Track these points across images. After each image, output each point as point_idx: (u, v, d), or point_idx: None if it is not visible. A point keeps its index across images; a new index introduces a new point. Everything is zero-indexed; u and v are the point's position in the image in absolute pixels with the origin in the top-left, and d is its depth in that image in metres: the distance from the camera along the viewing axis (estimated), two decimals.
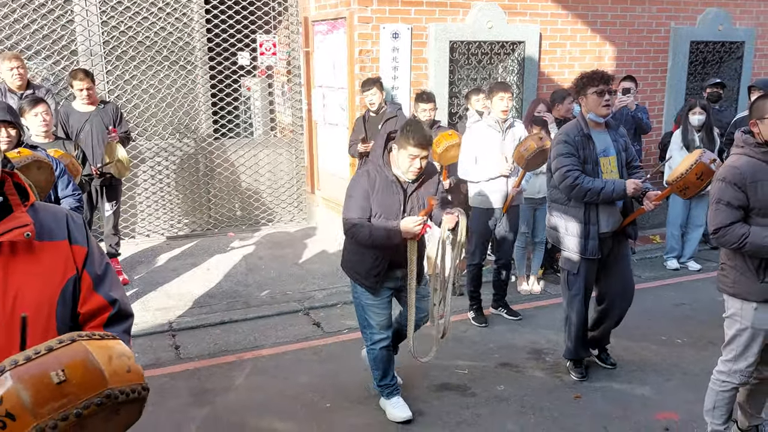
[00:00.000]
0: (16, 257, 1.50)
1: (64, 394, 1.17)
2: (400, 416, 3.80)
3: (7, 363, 1.18)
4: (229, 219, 7.57)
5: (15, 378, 1.16)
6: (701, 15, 7.79)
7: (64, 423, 1.16)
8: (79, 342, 1.23)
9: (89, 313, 1.60)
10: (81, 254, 1.61)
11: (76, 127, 5.58)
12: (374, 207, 3.56)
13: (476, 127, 5.22)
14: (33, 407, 1.14)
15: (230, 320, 5.27)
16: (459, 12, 6.61)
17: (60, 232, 1.59)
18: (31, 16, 6.41)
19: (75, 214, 1.69)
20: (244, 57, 7.39)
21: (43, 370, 1.17)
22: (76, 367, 1.19)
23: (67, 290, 1.56)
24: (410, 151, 3.45)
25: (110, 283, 1.65)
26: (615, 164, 4.09)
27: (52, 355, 1.20)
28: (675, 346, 4.88)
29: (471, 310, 5.36)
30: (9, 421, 1.14)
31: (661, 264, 6.79)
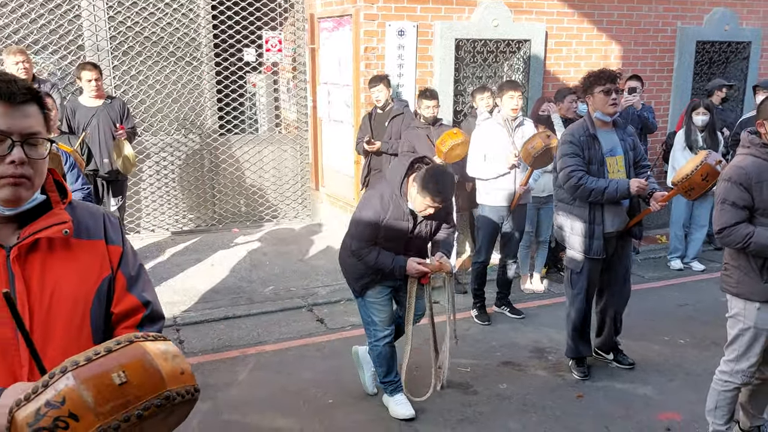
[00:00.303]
0: (53, 254, 1.50)
1: (125, 396, 1.17)
2: (403, 414, 3.82)
3: (69, 363, 1.18)
4: (233, 215, 7.60)
5: (77, 378, 1.16)
6: (708, 15, 7.77)
7: (126, 424, 1.16)
8: (137, 343, 1.23)
9: (122, 314, 1.59)
10: (116, 254, 1.61)
11: (82, 122, 5.59)
12: (382, 230, 3.58)
13: (486, 124, 5.23)
14: (96, 408, 1.15)
15: (234, 316, 5.30)
16: (465, 10, 6.61)
17: (97, 231, 1.59)
18: (38, 11, 6.44)
19: (111, 213, 1.69)
20: (249, 53, 7.40)
21: (105, 371, 1.18)
22: (136, 369, 1.19)
23: (102, 289, 1.56)
24: (425, 198, 3.46)
25: (143, 284, 1.66)
26: (622, 164, 4.08)
27: (111, 357, 1.20)
28: (678, 347, 4.88)
29: (474, 308, 5.37)
30: (72, 422, 1.14)
31: (665, 264, 6.78)
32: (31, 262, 1.47)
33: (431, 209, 3.50)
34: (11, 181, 1.41)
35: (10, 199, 1.43)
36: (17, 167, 1.41)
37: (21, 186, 1.43)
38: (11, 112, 1.41)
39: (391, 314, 3.86)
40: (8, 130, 1.40)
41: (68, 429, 1.14)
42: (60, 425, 1.14)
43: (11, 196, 1.43)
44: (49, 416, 1.14)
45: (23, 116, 1.42)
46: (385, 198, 3.58)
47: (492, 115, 5.34)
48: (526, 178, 5.07)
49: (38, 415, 1.15)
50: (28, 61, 5.60)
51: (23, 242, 1.45)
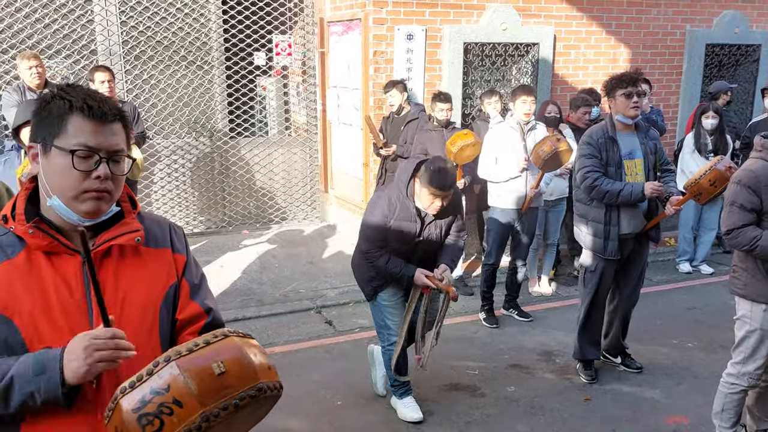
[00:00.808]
0: (125, 261, 1.57)
1: (224, 386, 1.23)
2: (412, 417, 3.86)
3: (172, 353, 1.25)
4: (243, 217, 7.66)
5: (182, 367, 1.23)
6: (717, 17, 7.75)
7: (224, 412, 1.22)
8: (231, 337, 1.30)
9: (186, 320, 1.66)
10: (181, 263, 1.68)
11: None
12: (390, 232, 3.62)
13: (498, 128, 5.28)
14: (199, 395, 1.21)
15: (244, 317, 5.35)
16: (473, 14, 6.64)
17: (164, 241, 1.66)
18: (51, 16, 6.52)
19: (176, 224, 1.78)
20: (260, 57, 7.46)
21: (206, 362, 1.24)
22: (233, 361, 1.26)
23: (168, 296, 1.62)
24: (432, 191, 3.49)
25: (205, 292, 1.72)
26: (641, 167, 4.11)
27: (211, 348, 1.26)
28: (686, 350, 4.89)
29: (482, 311, 5.40)
30: (176, 408, 1.20)
31: (674, 267, 6.78)
32: (105, 268, 1.53)
33: (437, 202, 3.51)
34: (95, 195, 1.48)
35: (93, 212, 1.50)
36: (102, 182, 1.47)
37: (102, 200, 1.50)
38: (101, 130, 1.48)
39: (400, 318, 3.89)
40: (97, 147, 1.47)
41: (172, 415, 1.20)
42: (165, 411, 1.20)
43: (94, 209, 1.49)
44: (155, 402, 1.21)
45: (111, 134, 1.49)
46: (392, 200, 3.62)
47: (504, 118, 5.38)
48: (537, 181, 5.10)
49: (143, 401, 1.21)
50: (41, 65, 5.67)
51: (99, 248, 1.52)
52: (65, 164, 1.45)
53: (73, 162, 1.45)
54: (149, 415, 1.20)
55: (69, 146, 1.45)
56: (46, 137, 1.47)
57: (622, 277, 4.35)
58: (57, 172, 1.47)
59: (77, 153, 1.45)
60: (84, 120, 1.46)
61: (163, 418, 1.20)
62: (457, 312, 5.62)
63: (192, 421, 1.20)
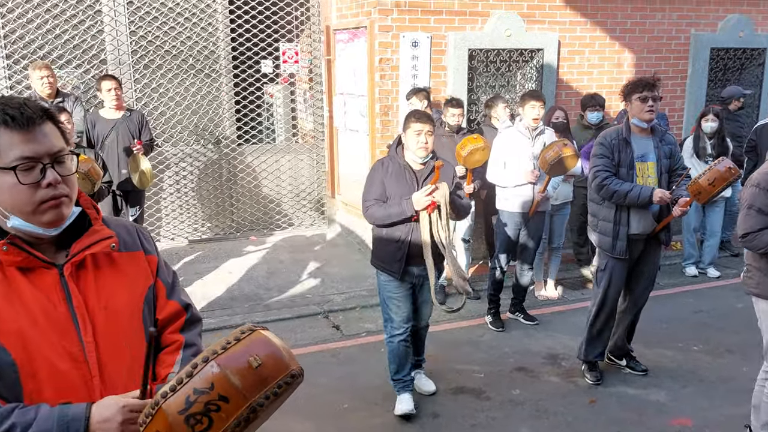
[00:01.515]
0: (101, 269, 1.55)
1: (263, 377, 1.29)
2: (401, 410, 3.97)
3: (208, 353, 1.30)
4: (251, 223, 7.72)
5: (221, 365, 1.27)
6: (722, 21, 7.77)
7: (267, 401, 1.29)
8: (258, 331, 1.36)
9: (167, 319, 1.67)
10: (154, 263, 1.68)
11: (101, 134, 5.71)
12: (389, 190, 3.84)
13: (507, 132, 5.32)
14: (243, 389, 1.27)
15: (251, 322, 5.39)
16: (478, 21, 6.69)
17: (134, 244, 1.65)
18: (62, 27, 6.63)
19: (140, 226, 1.78)
20: (267, 65, 7.54)
21: (243, 357, 1.30)
22: (267, 353, 1.32)
23: (148, 298, 1.63)
24: (414, 128, 3.76)
25: (179, 289, 1.74)
26: (653, 170, 4.17)
27: (243, 344, 1.32)
28: (691, 353, 4.89)
29: (488, 314, 5.43)
30: (223, 404, 1.25)
31: (680, 271, 6.78)
32: (83, 278, 1.51)
33: (422, 138, 3.74)
34: (53, 203, 1.43)
35: (55, 221, 1.46)
36: (55, 189, 1.43)
37: (62, 205, 1.46)
38: (33, 136, 1.41)
39: (408, 313, 3.99)
40: (36, 155, 1.40)
41: (220, 411, 1.25)
42: (212, 408, 1.25)
43: (56, 218, 1.45)
44: (200, 402, 1.25)
45: (44, 137, 1.43)
46: (384, 162, 3.94)
47: (513, 123, 5.43)
48: (544, 186, 5.13)
49: (188, 402, 1.25)
50: (52, 75, 5.76)
51: (75, 258, 1.49)
52: (11, 182, 1.39)
53: (18, 178, 1.39)
54: (197, 415, 1.25)
55: (8, 164, 1.38)
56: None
57: (634, 280, 4.39)
58: (5, 192, 1.40)
59: (19, 168, 1.38)
60: (11, 132, 1.39)
61: (212, 416, 1.25)
62: (464, 316, 5.64)
63: (240, 414, 1.25)
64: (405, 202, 3.73)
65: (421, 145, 3.75)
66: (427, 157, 3.83)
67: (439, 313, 5.68)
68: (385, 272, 3.94)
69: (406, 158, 3.86)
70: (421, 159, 3.82)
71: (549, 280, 6.14)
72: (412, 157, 3.83)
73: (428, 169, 3.85)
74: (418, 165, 3.85)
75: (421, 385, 4.29)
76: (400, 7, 6.39)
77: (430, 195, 3.66)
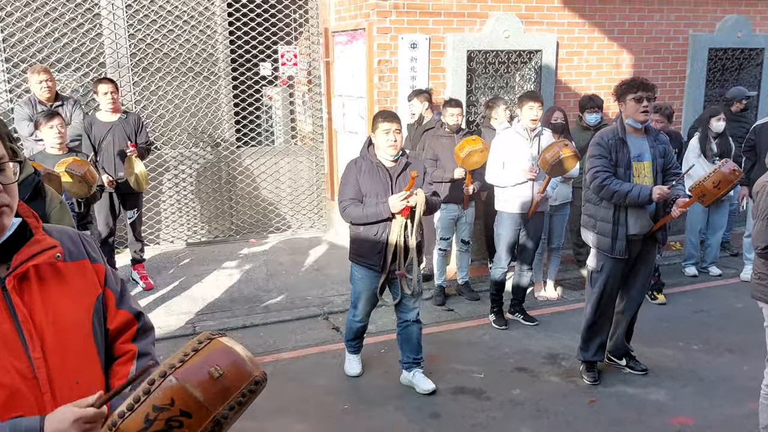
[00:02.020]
0: (45, 280, 1.47)
1: (225, 387, 1.24)
2: (350, 371, 4.49)
3: (165, 368, 1.24)
4: (250, 225, 7.73)
5: (181, 379, 1.22)
6: (720, 22, 7.78)
7: (232, 412, 1.24)
8: (216, 339, 1.31)
9: (118, 329, 1.61)
10: (101, 272, 1.60)
11: (98, 136, 5.69)
12: (363, 188, 4.07)
13: (505, 133, 5.33)
14: (206, 402, 1.22)
15: (251, 324, 5.40)
16: (476, 22, 6.70)
17: (79, 253, 1.57)
18: (61, 30, 6.64)
19: (84, 232, 1.70)
20: (266, 67, 7.55)
21: (203, 368, 1.24)
22: (228, 362, 1.27)
23: (98, 308, 1.56)
24: (382, 127, 3.99)
25: (129, 297, 1.67)
26: (649, 170, 4.18)
27: (201, 355, 1.26)
28: (691, 352, 4.89)
29: (491, 313, 5.46)
30: (185, 419, 1.20)
31: (680, 271, 6.78)
32: (27, 291, 1.43)
33: (391, 136, 3.97)
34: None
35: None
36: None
37: (3, 215, 1.39)
38: None
39: (370, 309, 4.37)
40: None
41: (182, 427, 1.20)
42: (174, 425, 1.20)
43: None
44: (161, 419, 1.20)
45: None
46: (357, 162, 4.17)
47: (512, 124, 5.44)
48: (543, 186, 5.14)
49: (147, 420, 1.21)
50: (51, 79, 5.76)
51: (17, 271, 1.41)
52: None
53: None
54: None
55: None
56: None
57: (631, 280, 4.39)
58: None
59: None
60: None
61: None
62: (463, 317, 5.66)
63: (204, 428, 1.21)
64: (382, 206, 3.96)
65: (390, 143, 3.98)
66: (398, 154, 4.07)
67: (439, 314, 5.71)
68: (364, 266, 4.18)
69: (378, 156, 4.08)
70: (392, 156, 4.05)
71: (548, 280, 6.14)
72: (383, 155, 4.06)
73: (400, 167, 4.09)
74: (390, 162, 4.08)
75: (420, 384, 4.28)
76: (399, 9, 6.40)
77: (405, 200, 3.89)
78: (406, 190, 3.91)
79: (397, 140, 4.00)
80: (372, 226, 4.05)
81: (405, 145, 6.31)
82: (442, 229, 5.88)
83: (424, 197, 3.96)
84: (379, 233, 4.06)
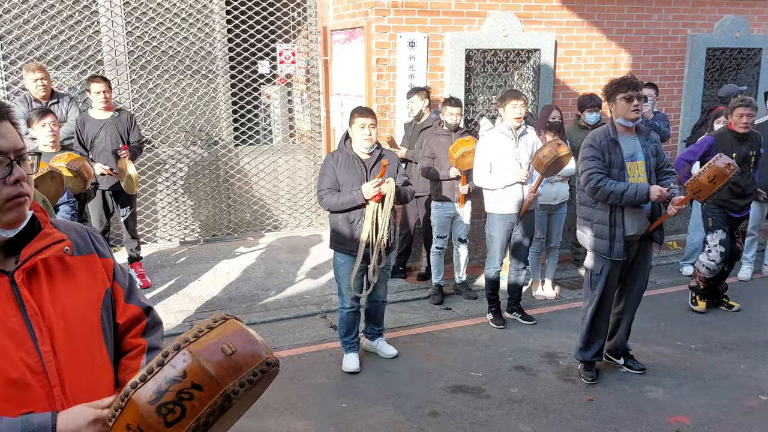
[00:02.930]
0: (54, 274, 1.48)
1: (237, 364, 1.26)
2: (348, 368, 4.55)
3: (180, 342, 1.27)
4: (248, 224, 7.72)
5: (194, 353, 1.25)
6: (718, 22, 7.80)
7: (242, 389, 1.26)
8: (231, 320, 1.33)
9: (127, 323, 1.62)
10: (109, 266, 1.61)
11: (91, 134, 5.67)
12: (340, 178, 4.34)
13: (489, 134, 5.31)
14: (218, 377, 1.24)
15: (249, 323, 5.39)
16: (475, 21, 6.71)
17: (87, 247, 1.57)
18: (59, 27, 6.62)
19: (92, 228, 1.70)
20: (264, 66, 7.54)
21: (216, 344, 1.27)
22: (241, 341, 1.29)
23: (106, 303, 1.56)
24: (358, 122, 4.28)
25: (137, 292, 1.68)
26: (643, 169, 4.17)
27: (216, 331, 1.29)
28: (689, 351, 4.90)
29: (489, 312, 5.45)
30: (196, 392, 1.22)
31: (677, 270, 6.79)
32: (36, 285, 1.44)
33: (366, 130, 4.26)
34: (18, 201, 1.38)
35: (17, 220, 1.40)
36: (21, 186, 1.38)
37: (24, 204, 1.41)
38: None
39: (357, 292, 4.53)
40: (4, 149, 1.36)
41: (193, 399, 1.22)
42: (184, 396, 1.22)
43: (18, 217, 1.40)
44: (172, 390, 1.22)
45: (8, 133, 1.39)
46: (335, 154, 4.45)
47: (495, 124, 5.41)
48: (535, 186, 5.14)
49: (159, 391, 1.22)
50: (46, 77, 5.73)
51: (26, 264, 1.41)
52: None
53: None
54: (168, 404, 1.21)
55: None
56: None
57: (629, 280, 4.39)
58: None
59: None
60: None
61: (184, 404, 1.22)
62: (461, 316, 5.66)
63: (215, 402, 1.22)
64: (356, 192, 4.24)
65: (365, 136, 4.27)
66: (372, 147, 4.34)
67: (437, 313, 5.71)
68: (343, 252, 4.44)
69: (354, 149, 4.37)
70: (367, 150, 4.34)
71: (546, 279, 6.14)
72: (359, 148, 4.35)
73: (374, 158, 4.38)
74: (365, 155, 4.37)
75: (384, 350, 4.79)
76: (397, 8, 6.40)
77: (377, 187, 4.18)
78: (378, 178, 4.21)
79: (371, 134, 4.28)
80: (349, 213, 4.33)
81: (402, 143, 6.34)
82: (438, 227, 5.88)
83: (394, 184, 4.26)
84: (354, 220, 4.34)
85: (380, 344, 4.83)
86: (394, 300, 5.85)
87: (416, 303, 5.94)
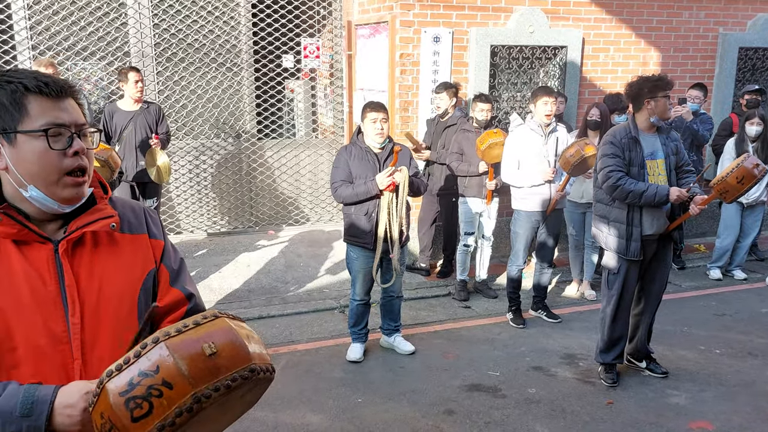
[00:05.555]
0: (99, 248, 1.50)
1: (216, 366, 1.19)
2: (350, 357, 4.64)
3: (160, 334, 1.21)
4: (269, 217, 7.74)
5: (171, 348, 1.18)
6: (751, 21, 7.62)
7: (216, 393, 1.18)
8: (222, 318, 1.27)
9: (167, 307, 1.59)
10: (159, 248, 1.61)
11: (119, 125, 5.73)
12: (354, 171, 4.40)
13: (519, 130, 5.25)
14: (190, 376, 1.17)
15: (268, 315, 5.41)
16: (501, 16, 6.63)
17: (140, 226, 1.59)
18: (87, 19, 6.69)
19: (150, 208, 1.71)
20: (288, 60, 7.55)
21: (196, 342, 1.20)
22: (225, 342, 1.22)
23: (147, 283, 1.56)
24: (370, 116, 4.34)
25: (186, 277, 1.66)
26: (663, 167, 4.09)
27: (201, 329, 1.23)
28: (713, 356, 4.80)
29: (509, 311, 5.40)
30: (166, 390, 1.16)
31: (703, 273, 6.66)
32: (78, 257, 1.47)
33: (378, 125, 4.32)
34: (77, 180, 1.43)
35: (74, 198, 1.45)
36: (81, 158, 1.42)
37: (83, 185, 1.45)
38: (62, 105, 1.41)
39: (369, 288, 4.62)
40: (67, 122, 1.41)
41: (162, 397, 1.16)
42: (153, 393, 1.16)
43: (76, 195, 1.45)
44: (143, 385, 1.16)
45: (72, 109, 1.44)
46: (348, 147, 4.51)
47: (525, 120, 5.35)
48: (563, 184, 5.07)
49: (131, 384, 1.17)
50: (56, 73, 5.77)
51: (71, 236, 1.45)
52: (39, 148, 1.38)
53: (49, 142, 1.38)
54: (137, 398, 1.16)
55: (39, 127, 1.38)
56: (6, 127, 1.38)
57: (648, 279, 4.31)
58: (31, 158, 1.39)
59: (50, 132, 1.38)
60: (43, 99, 1.39)
61: (152, 401, 1.16)
62: (480, 314, 5.62)
63: (183, 403, 1.16)
64: (370, 183, 4.27)
65: (377, 131, 4.34)
66: (384, 141, 4.40)
67: (456, 310, 5.67)
68: (357, 246, 4.47)
69: (367, 143, 4.43)
70: (379, 144, 4.40)
71: (585, 280, 6.05)
72: (371, 142, 4.41)
73: (387, 152, 4.43)
74: (378, 149, 4.43)
75: (402, 346, 4.78)
76: (422, 2, 6.35)
77: (391, 176, 4.21)
78: (392, 166, 4.26)
79: (383, 129, 4.34)
80: (362, 206, 4.36)
81: (425, 140, 6.29)
82: (465, 223, 5.83)
83: (407, 173, 4.30)
84: (369, 212, 4.37)
85: (397, 340, 4.82)
86: (412, 297, 5.83)
87: (435, 300, 5.91)
